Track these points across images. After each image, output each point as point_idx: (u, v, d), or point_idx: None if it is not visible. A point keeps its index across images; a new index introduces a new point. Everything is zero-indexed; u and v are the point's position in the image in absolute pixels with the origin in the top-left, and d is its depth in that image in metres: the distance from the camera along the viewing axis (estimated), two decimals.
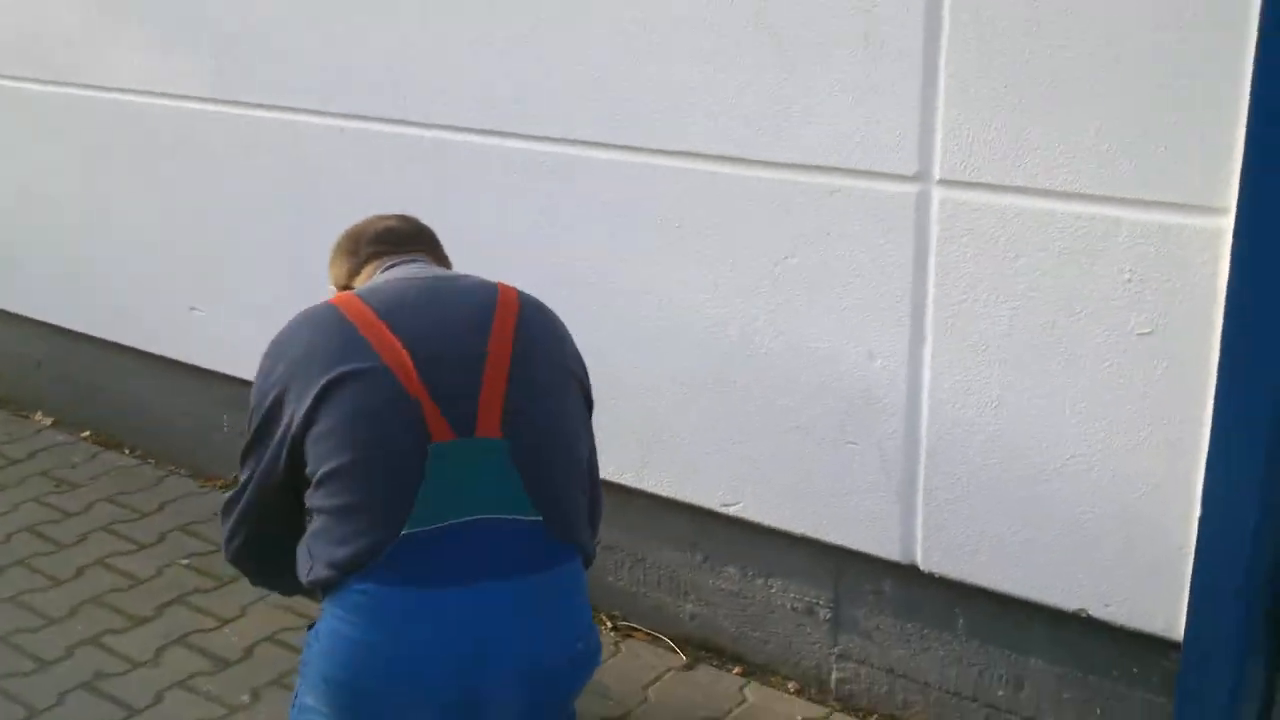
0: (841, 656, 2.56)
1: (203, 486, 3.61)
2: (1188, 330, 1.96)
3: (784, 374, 2.40)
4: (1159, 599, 2.10)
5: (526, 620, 1.90)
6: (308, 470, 1.92)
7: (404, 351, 1.89)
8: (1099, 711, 2.27)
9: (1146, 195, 1.95)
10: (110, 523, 3.38)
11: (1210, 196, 1.89)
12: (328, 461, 1.88)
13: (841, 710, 2.56)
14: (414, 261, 2.15)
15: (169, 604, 2.98)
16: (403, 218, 2.27)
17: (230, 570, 2.91)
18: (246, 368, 3.19)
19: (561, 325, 2.07)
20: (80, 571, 3.12)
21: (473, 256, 2.22)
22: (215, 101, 3.17)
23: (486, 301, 2.01)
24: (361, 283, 2.15)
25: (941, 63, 2.08)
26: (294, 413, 1.91)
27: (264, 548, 2.13)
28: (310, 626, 2.07)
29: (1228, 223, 1.88)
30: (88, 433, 3.91)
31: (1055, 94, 1.99)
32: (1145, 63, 1.90)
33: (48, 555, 3.20)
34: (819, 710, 2.56)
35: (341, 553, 1.86)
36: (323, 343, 1.94)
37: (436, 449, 1.86)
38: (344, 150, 2.93)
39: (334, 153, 2.96)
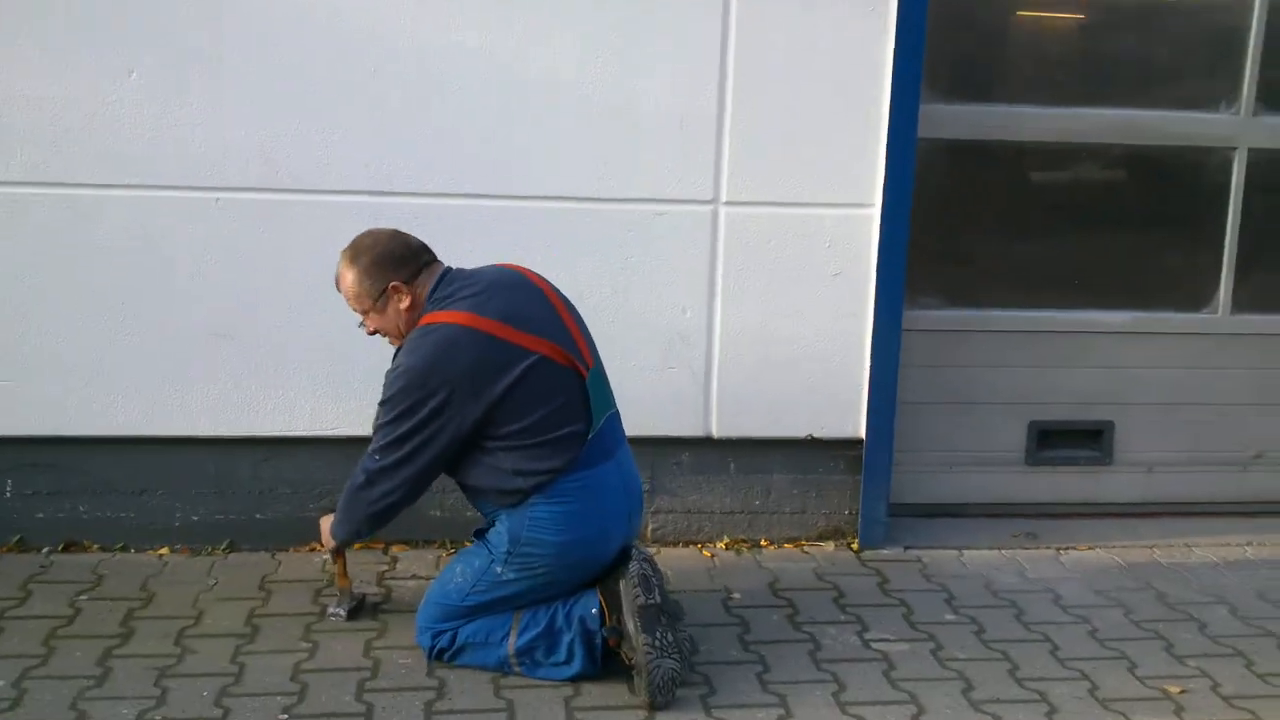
0: (655, 512, 4.00)
1: None
2: (859, 272, 3.84)
3: (625, 329, 3.79)
4: (849, 417, 3.95)
5: (633, 467, 3.21)
6: (495, 429, 2.93)
7: (538, 339, 2.99)
8: (814, 494, 4.05)
9: (837, 200, 3.78)
10: None
11: (868, 198, 3.78)
12: (525, 418, 2.94)
13: (661, 545, 4.00)
14: (449, 267, 3.12)
15: (170, 637, 3.25)
16: (402, 233, 3.13)
17: (137, 605, 3.43)
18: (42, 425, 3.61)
19: None
20: (50, 645, 3.19)
21: None
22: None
23: (526, 279, 3.13)
24: (426, 280, 3.03)
25: (725, 141, 3.70)
26: (474, 405, 2.90)
27: (413, 496, 3.06)
28: (479, 535, 3.10)
29: (875, 213, 3.78)
30: None
31: (787, 153, 3.73)
32: (830, 128, 3.73)
33: None
34: (652, 549, 3.98)
35: (553, 463, 2.97)
36: (483, 356, 2.92)
37: (587, 383, 3.05)
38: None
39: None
